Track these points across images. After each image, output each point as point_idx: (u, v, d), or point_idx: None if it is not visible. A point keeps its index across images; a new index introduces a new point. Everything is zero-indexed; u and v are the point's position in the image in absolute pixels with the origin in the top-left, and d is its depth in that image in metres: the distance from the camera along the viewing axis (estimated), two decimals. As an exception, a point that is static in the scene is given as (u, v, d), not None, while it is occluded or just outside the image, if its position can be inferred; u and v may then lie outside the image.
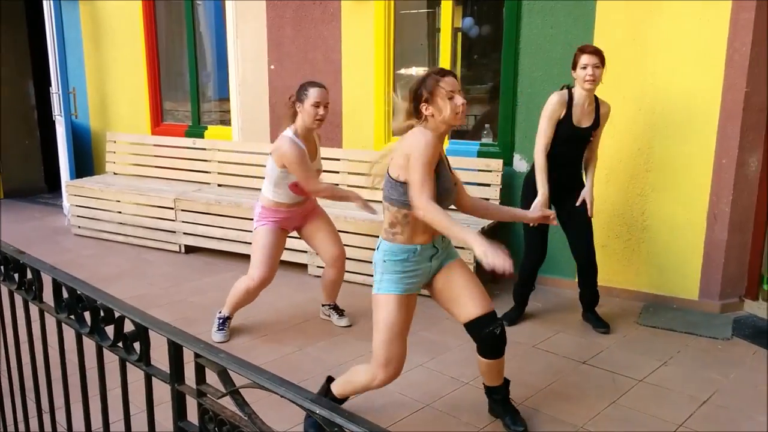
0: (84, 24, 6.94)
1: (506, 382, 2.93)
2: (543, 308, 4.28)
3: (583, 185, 3.85)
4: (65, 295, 1.77)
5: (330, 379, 2.98)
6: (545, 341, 3.82)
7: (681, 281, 4.29)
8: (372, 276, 4.58)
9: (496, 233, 4.63)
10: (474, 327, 2.69)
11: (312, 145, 3.68)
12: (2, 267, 2.07)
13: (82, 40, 7.00)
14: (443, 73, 2.54)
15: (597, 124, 3.70)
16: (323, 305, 4.13)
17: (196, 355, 1.36)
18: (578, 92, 3.65)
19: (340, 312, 4.10)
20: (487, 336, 2.69)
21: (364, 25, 5.14)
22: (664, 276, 4.34)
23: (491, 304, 2.73)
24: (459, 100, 2.51)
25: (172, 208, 5.43)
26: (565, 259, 4.55)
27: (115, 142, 6.46)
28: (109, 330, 1.65)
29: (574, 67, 3.64)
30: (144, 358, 1.52)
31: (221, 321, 3.85)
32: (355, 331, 3.99)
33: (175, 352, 1.43)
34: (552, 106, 3.65)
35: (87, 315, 1.72)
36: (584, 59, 3.57)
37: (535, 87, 4.49)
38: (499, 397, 2.93)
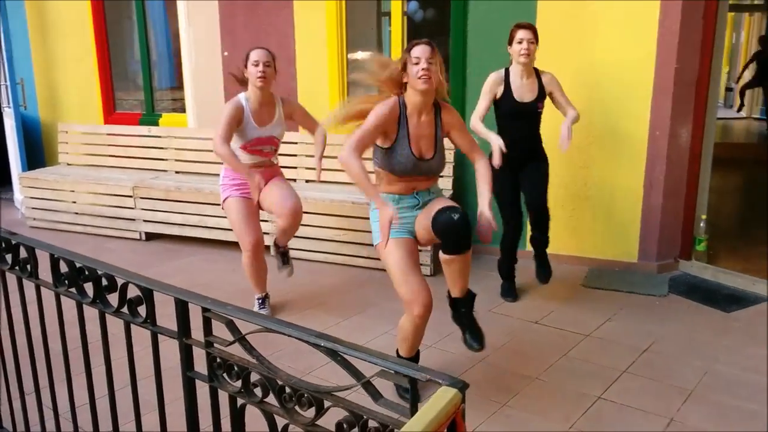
0: (30, 15, 6.85)
1: (471, 295, 3.00)
2: (498, 276, 4.53)
3: (541, 158, 4.01)
4: (63, 269, 1.91)
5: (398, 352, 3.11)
6: (500, 306, 4.09)
7: (621, 245, 4.62)
8: (342, 255, 4.73)
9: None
10: (436, 218, 2.74)
11: (267, 110, 3.79)
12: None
13: (27, 31, 6.91)
14: (416, 43, 2.79)
15: (542, 95, 3.88)
16: (274, 244, 4.04)
17: (204, 309, 1.53)
18: (514, 69, 3.86)
19: (285, 260, 4.07)
20: (445, 221, 2.70)
21: (316, 11, 5.28)
22: (606, 241, 4.66)
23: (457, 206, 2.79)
24: (422, 65, 2.73)
25: (131, 196, 5.48)
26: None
27: (67, 132, 6.41)
28: (111, 299, 1.80)
29: (510, 42, 3.85)
30: (150, 319, 1.68)
31: (260, 301, 4.01)
32: (328, 305, 4.17)
33: (182, 309, 1.59)
34: (489, 83, 3.88)
35: (85, 287, 1.87)
36: (520, 34, 3.79)
37: (484, 69, 4.69)
38: (463, 311, 3.00)
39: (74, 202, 5.79)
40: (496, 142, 3.65)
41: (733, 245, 4.97)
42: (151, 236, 5.57)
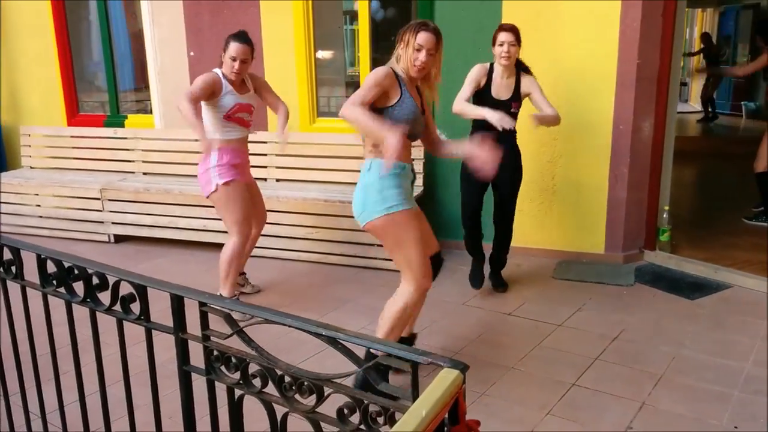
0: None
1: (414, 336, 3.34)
2: (468, 270, 4.61)
3: (515, 160, 4.07)
4: (51, 269, 1.91)
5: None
6: (473, 298, 4.17)
7: (589, 237, 4.75)
8: (315, 252, 4.71)
9: (422, 203, 4.93)
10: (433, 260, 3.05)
11: (242, 83, 3.90)
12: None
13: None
14: (425, 27, 2.78)
15: (517, 96, 3.94)
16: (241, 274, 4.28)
17: (201, 304, 1.56)
18: (497, 67, 3.93)
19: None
20: (438, 263, 3.13)
21: (283, 9, 5.28)
22: (573, 234, 4.78)
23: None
24: (421, 56, 2.76)
25: (98, 199, 5.42)
26: (488, 224, 4.91)
27: (29, 135, 6.30)
28: (103, 297, 1.81)
29: (493, 44, 3.91)
30: (144, 315, 1.70)
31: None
32: (303, 303, 4.18)
33: (178, 305, 1.61)
34: (474, 72, 3.90)
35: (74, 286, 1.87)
36: (501, 37, 3.84)
37: (451, 66, 4.74)
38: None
39: (38, 206, 5.70)
40: (494, 116, 3.60)
41: (695, 235, 5.14)
42: (120, 238, 5.52)
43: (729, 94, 12.14)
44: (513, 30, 3.84)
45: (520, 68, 3.96)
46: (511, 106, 3.91)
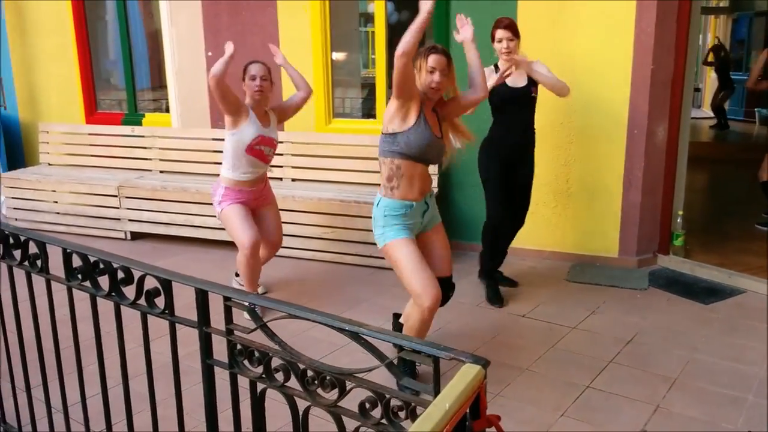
0: (8, 14, 6.79)
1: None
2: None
3: (532, 162, 4.12)
4: (77, 263, 1.95)
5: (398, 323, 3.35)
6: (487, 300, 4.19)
7: (602, 241, 4.75)
8: (329, 252, 4.73)
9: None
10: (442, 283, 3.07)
11: (265, 116, 3.95)
12: (1, 245, 2.20)
13: (6, 31, 6.85)
14: (434, 50, 2.89)
15: (532, 80, 3.92)
16: (238, 275, 4.28)
17: (225, 299, 1.59)
18: (502, 64, 3.94)
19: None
20: (446, 287, 3.14)
21: (301, 11, 5.32)
22: (587, 237, 4.79)
23: (451, 268, 3.23)
24: (435, 77, 2.87)
25: (116, 196, 5.48)
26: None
27: (48, 132, 6.38)
28: (126, 292, 1.85)
29: (492, 40, 3.93)
30: (169, 309, 1.73)
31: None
32: (318, 302, 4.21)
33: (202, 299, 1.65)
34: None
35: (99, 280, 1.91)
36: (499, 34, 3.86)
37: (464, 69, 4.80)
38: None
39: (56, 202, 5.77)
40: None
41: (708, 240, 5.13)
42: (136, 236, 5.58)
43: (742, 101, 12.07)
44: (510, 26, 3.85)
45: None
46: (530, 91, 3.94)
